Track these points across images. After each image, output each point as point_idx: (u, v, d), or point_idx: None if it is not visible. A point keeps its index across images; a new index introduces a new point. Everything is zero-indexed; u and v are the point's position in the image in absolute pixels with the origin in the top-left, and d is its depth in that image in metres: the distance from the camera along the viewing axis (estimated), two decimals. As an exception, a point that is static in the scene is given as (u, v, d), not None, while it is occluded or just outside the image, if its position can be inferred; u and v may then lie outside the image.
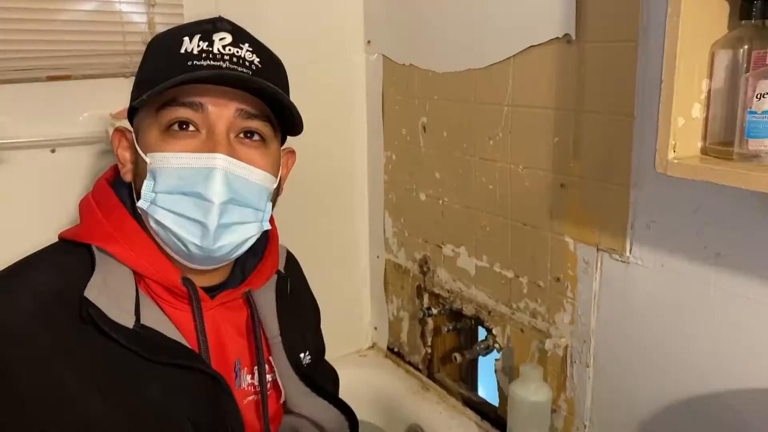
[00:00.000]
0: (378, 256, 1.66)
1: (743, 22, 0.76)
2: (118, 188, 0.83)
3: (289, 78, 0.87)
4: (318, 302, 1.10)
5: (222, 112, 0.76)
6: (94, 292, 0.73)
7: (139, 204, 0.77)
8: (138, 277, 0.78)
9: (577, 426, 1.16)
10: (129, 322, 0.74)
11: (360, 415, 1.02)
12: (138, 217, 0.81)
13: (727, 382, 0.92)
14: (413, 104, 1.44)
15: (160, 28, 1.22)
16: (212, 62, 0.75)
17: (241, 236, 0.79)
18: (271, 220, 0.90)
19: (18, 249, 0.85)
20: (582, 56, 1.03)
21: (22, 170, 1.19)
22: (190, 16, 1.27)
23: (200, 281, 0.82)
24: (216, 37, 0.77)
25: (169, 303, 0.80)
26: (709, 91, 0.79)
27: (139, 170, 0.79)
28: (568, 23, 1.04)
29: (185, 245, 0.77)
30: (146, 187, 0.76)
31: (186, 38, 0.76)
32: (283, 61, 0.86)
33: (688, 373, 0.97)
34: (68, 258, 0.78)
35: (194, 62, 0.75)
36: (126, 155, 0.83)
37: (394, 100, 1.50)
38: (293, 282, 0.98)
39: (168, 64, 0.76)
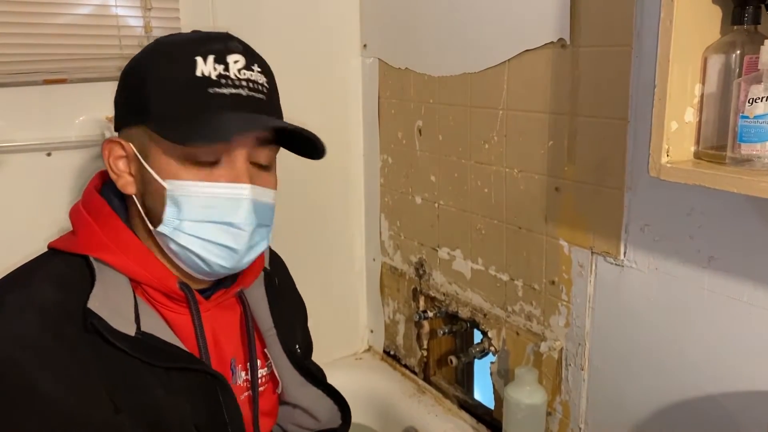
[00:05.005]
0: (374, 259, 1.67)
1: (735, 27, 0.77)
2: (108, 196, 0.83)
3: (285, 82, 0.87)
4: (314, 305, 1.10)
5: (243, 142, 0.78)
6: (96, 303, 0.75)
7: (160, 229, 0.77)
8: (135, 284, 0.79)
9: (572, 429, 1.17)
10: (131, 330, 0.76)
11: (356, 418, 1.03)
12: (130, 224, 0.82)
13: (720, 384, 0.92)
14: (409, 108, 1.44)
15: (157, 32, 1.23)
16: (233, 90, 0.75)
17: (259, 252, 0.83)
18: None
19: (14, 252, 0.85)
20: (576, 60, 1.04)
21: (17, 173, 1.19)
22: (186, 19, 1.27)
23: (195, 284, 0.84)
24: (230, 59, 0.76)
25: (168, 307, 0.81)
26: (702, 96, 0.80)
27: (150, 190, 0.78)
28: (562, 28, 1.04)
29: (209, 266, 0.79)
30: (169, 214, 0.76)
31: (199, 58, 0.75)
32: (279, 65, 0.86)
33: (681, 376, 0.97)
34: (66, 270, 0.78)
35: (215, 89, 0.75)
36: (120, 166, 0.81)
37: (390, 103, 1.50)
38: (279, 279, 1.00)
39: (183, 88, 0.74)
